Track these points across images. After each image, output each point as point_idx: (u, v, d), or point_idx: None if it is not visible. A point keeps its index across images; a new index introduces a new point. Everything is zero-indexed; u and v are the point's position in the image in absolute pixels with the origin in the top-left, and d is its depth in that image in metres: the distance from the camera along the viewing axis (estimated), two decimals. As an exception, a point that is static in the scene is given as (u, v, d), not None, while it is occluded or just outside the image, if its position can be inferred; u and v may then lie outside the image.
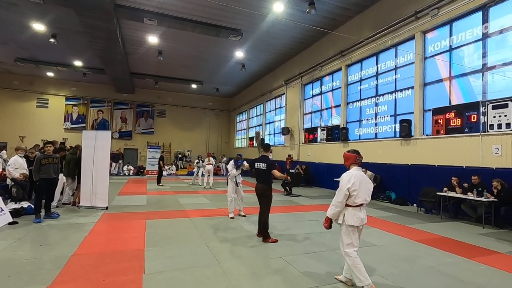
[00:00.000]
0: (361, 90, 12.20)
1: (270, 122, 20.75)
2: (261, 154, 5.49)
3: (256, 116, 23.21)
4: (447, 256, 4.54)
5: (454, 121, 8.14)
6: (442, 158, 8.43)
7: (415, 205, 8.84)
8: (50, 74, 21.32)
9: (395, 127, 10.39)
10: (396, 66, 10.57)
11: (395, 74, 10.59)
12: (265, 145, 5.60)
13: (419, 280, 3.60)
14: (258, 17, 11.62)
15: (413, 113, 9.64)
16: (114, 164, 19.38)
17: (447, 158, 8.28)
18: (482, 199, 6.45)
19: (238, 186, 6.96)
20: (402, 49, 10.21)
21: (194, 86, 22.61)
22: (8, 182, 7.20)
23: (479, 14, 8.03)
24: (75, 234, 5.17)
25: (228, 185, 7.06)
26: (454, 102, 8.51)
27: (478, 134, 7.53)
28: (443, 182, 7.70)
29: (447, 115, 8.34)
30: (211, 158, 13.52)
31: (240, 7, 10.14)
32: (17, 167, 6.89)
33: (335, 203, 3.30)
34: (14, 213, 6.06)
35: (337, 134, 13.10)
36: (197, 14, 11.81)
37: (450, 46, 8.77)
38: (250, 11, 10.30)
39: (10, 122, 21.21)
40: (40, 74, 21.28)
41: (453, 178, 7.47)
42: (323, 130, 14.07)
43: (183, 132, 26.22)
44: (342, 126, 12.76)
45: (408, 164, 9.52)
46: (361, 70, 12.23)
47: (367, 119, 11.81)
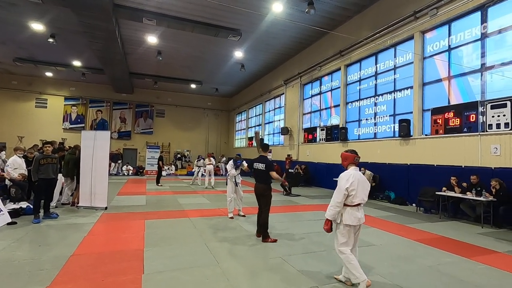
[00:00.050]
0: (360, 90, 12.22)
1: (269, 122, 20.76)
2: (260, 154, 5.47)
3: (255, 116, 23.22)
4: (446, 255, 4.55)
5: (453, 121, 8.16)
6: (441, 158, 8.45)
7: (414, 204, 8.85)
8: (49, 74, 21.29)
9: (394, 127, 10.41)
10: (395, 66, 10.58)
11: (394, 74, 10.60)
12: (263, 145, 5.56)
13: (418, 279, 3.61)
14: (257, 17, 11.63)
15: (412, 113, 9.66)
16: (113, 164, 19.36)
17: (446, 158, 8.30)
18: (481, 199, 6.47)
19: (237, 186, 6.96)
20: (401, 49, 10.23)
21: (193, 86, 22.60)
22: (7, 182, 7.18)
23: (478, 14, 8.05)
24: (74, 234, 5.16)
25: (227, 185, 7.07)
26: (453, 102, 8.52)
27: (477, 133, 7.55)
28: (442, 181, 7.72)
29: (446, 115, 8.35)
30: (212, 159, 13.52)
31: (239, 7, 10.13)
32: (16, 167, 6.89)
33: (335, 204, 3.29)
34: (13, 213, 6.05)
35: (336, 134, 13.11)
36: (196, 14, 11.81)
37: (449, 46, 8.79)
38: (249, 11, 10.30)
39: (8, 122, 21.16)
40: (39, 74, 21.24)
41: (452, 178, 7.49)
42: (322, 130, 14.09)
43: (183, 132, 26.21)
44: (341, 126, 12.78)
45: (407, 163, 9.54)
46: (360, 70, 12.25)
47: (366, 119, 11.82)
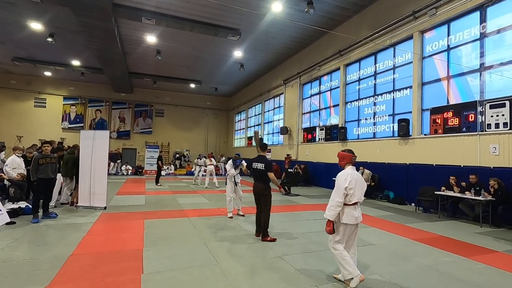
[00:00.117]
0: (359, 89, 12.22)
1: (268, 122, 20.76)
2: (258, 154, 5.45)
3: (254, 115, 23.22)
4: (445, 255, 4.56)
5: (452, 120, 8.17)
6: (440, 158, 8.46)
7: (413, 204, 8.86)
8: (48, 74, 21.24)
9: (393, 127, 10.42)
10: (394, 65, 10.59)
11: (393, 74, 10.61)
12: (262, 144, 5.51)
13: (417, 279, 3.61)
14: (256, 16, 11.62)
15: (411, 112, 9.67)
16: (112, 164, 19.31)
17: (445, 158, 8.31)
18: (480, 198, 6.48)
19: (236, 185, 6.96)
20: (400, 48, 10.24)
21: (192, 85, 22.59)
22: (5, 182, 7.16)
23: (477, 14, 8.06)
24: (73, 234, 5.15)
25: (226, 185, 7.07)
26: (452, 102, 8.54)
27: (476, 133, 7.56)
28: (441, 181, 7.73)
29: (445, 115, 8.36)
30: (212, 159, 13.60)
31: (238, 7, 10.13)
32: (14, 167, 6.86)
33: (335, 204, 3.28)
34: (12, 213, 6.03)
35: (335, 133, 13.12)
36: (195, 14, 11.79)
37: (448, 45, 8.80)
38: (249, 11, 10.29)
39: (7, 122, 21.12)
40: (37, 74, 21.19)
41: (451, 177, 7.50)
42: (322, 129, 14.09)
43: (182, 131, 26.19)
44: (340, 126, 12.78)
45: (406, 163, 9.55)
46: (359, 70, 12.25)
47: (366, 119, 11.83)
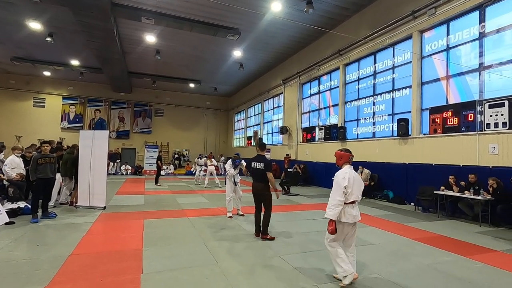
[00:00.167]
0: (358, 89, 12.23)
1: (268, 122, 20.76)
2: (257, 154, 5.43)
3: (254, 115, 23.21)
4: (444, 254, 4.56)
5: (451, 120, 8.18)
6: (439, 157, 8.47)
7: (413, 203, 8.88)
8: (47, 73, 21.20)
9: (393, 126, 10.43)
10: (393, 65, 10.59)
11: (393, 73, 10.62)
12: (261, 144, 5.48)
13: (417, 278, 3.62)
14: (256, 16, 11.61)
15: (410, 112, 9.68)
16: (111, 163, 19.30)
17: (444, 157, 8.33)
18: (479, 198, 6.49)
19: (236, 185, 6.96)
20: (400, 48, 10.24)
21: (192, 85, 22.57)
22: (4, 182, 7.15)
23: (476, 14, 8.07)
24: (73, 234, 5.14)
25: (226, 184, 7.07)
26: (451, 101, 8.55)
27: (475, 133, 7.57)
28: (440, 180, 7.75)
29: (444, 114, 8.38)
30: (213, 160, 13.67)
31: (238, 6, 10.12)
32: (14, 167, 6.86)
33: (336, 203, 3.27)
34: (11, 213, 6.03)
35: (335, 133, 13.13)
36: (194, 13, 11.78)
37: (447, 45, 8.81)
38: (248, 10, 10.28)
39: (6, 121, 21.07)
40: (36, 74, 21.15)
41: (450, 177, 7.52)
42: (321, 129, 14.10)
43: (181, 131, 26.17)
44: (340, 125, 12.79)
45: (405, 163, 9.56)
46: (358, 70, 12.26)
47: (365, 118, 11.84)
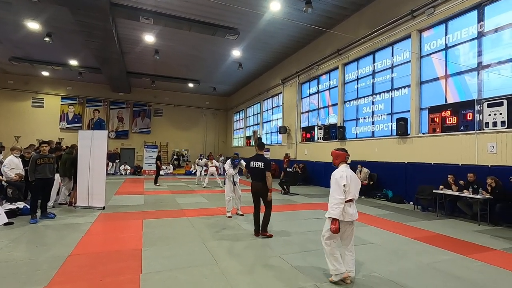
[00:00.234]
0: (357, 88, 12.24)
1: (267, 121, 20.76)
2: (256, 153, 5.45)
3: (253, 115, 23.21)
4: (443, 253, 4.57)
5: (450, 119, 8.20)
6: (438, 156, 8.49)
7: (412, 203, 8.89)
8: (46, 74, 21.15)
9: (392, 126, 10.44)
10: (392, 64, 10.61)
11: (392, 73, 10.63)
12: (259, 143, 5.51)
13: (416, 277, 3.63)
14: (255, 15, 11.61)
15: (409, 111, 9.69)
16: (110, 163, 19.26)
17: (443, 156, 8.34)
18: (478, 197, 6.51)
19: (235, 185, 6.95)
20: (399, 47, 10.25)
21: (191, 85, 22.55)
22: (3, 183, 7.13)
23: (475, 13, 8.09)
24: (72, 234, 5.13)
25: (225, 184, 7.07)
26: (450, 101, 8.56)
27: (474, 132, 7.59)
28: (439, 180, 7.76)
29: (443, 114, 8.39)
30: (214, 161, 13.73)
31: (237, 6, 10.12)
32: (12, 167, 6.84)
33: (338, 201, 3.26)
34: (10, 213, 6.01)
35: (334, 132, 13.14)
36: (193, 13, 11.76)
37: (446, 44, 8.82)
38: (247, 10, 10.27)
39: (5, 122, 21.02)
40: (35, 74, 21.09)
41: (449, 176, 7.53)
42: (320, 128, 14.10)
43: (180, 131, 26.15)
44: (339, 125, 12.81)
45: (404, 162, 9.57)
46: (357, 69, 12.26)
47: (364, 118, 11.85)
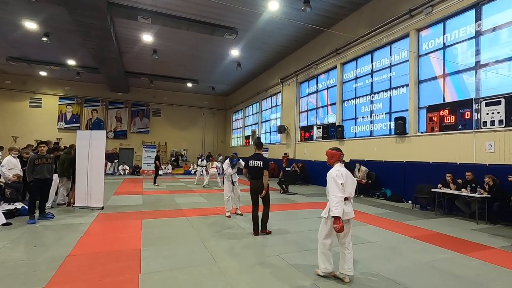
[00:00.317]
0: (356, 88, 12.25)
1: (266, 121, 20.76)
2: (254, 152, 5.49)
3: (252, 114, 23.20)
4: (442, 251, 4.59)
5: (448, 118, 8.23)
6: (437, 155, 8.51)
7: (410, 201, 8.92)
8: (43, 74, 21.05)
9: (390, 125, 10.46)
10: (390, 64, 10.62)
11: (390, 72, 10.65)
12: (258, 143, 5.56)
13: (414, 275, 3.64)
14: (253, 15, 11.59)
15: (407, 110, 9.71)
16: (109, 163, 19.22)
17: (442, 155, 8.37)
18: (476, 195, 6.54)
19: (234, 185, 6.95)
20: (397, 47, 10.27)
21: (189, 85, 22.50)
22: (1, 183, 7.10)
23: (472, 12, 8.11)
24: (70, 234, 5.12)
25: (224, 184, 7.06)
26: (448, 100, 8.59)
27: (472, 131, 7.62)
28: (438, 178, 7.79)
29: (441, 113, 8.42)
30: (215, 162, 13.82)
31: (235, 5, 10.11)
32: (11, 168, 6.81)
33: (338, 199, 3.27)
34: (8, 214, 5.99)
35: (332, 132, 13.15)
36: (191, 12, 11.74)
37: (444, 44, 8.84)
38: (245, 9, 10.26)
39: (2, 122, 20.92)
40: (33, 74, 21.00)
41: (447, 175, 7.55)
42: (319, 128, 14.12)
43: (179, 131, 26.11)
44: (337, 124, 12.82)
45: (403, 161, 9.60)
46: (356, 68, 12.28)
47: (363, 117, 11.87)
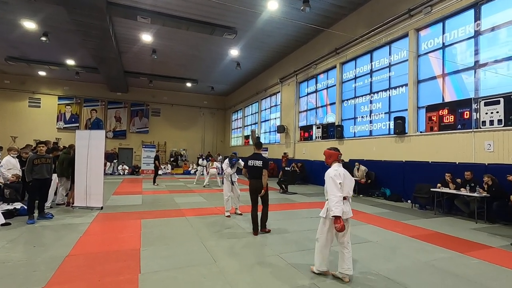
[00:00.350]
0: (355, 87, 12.26)
1: (265, 120, 20.76)
2: (254, 152, 5.49)
3: (251, 114, 23.20)
4: (441, 251, 4.60)
5: (447, 117, 8.24)
6: (436, 155, 8.52)
7: (409, 201, 8.93)
8: (42, 73, 21.02)
9: (390, 124, 10.47)
10: (390, 63, 10.63)
11: (389, 72, 10.66)
12: (257, 143, 5.59)
13: (414, 275, 3.64)
14: (252, 15, 11.59)
15: (407, 110, 9.72)
16: (108, 163, 19.20)
17: (441, 155, 8.38)
18: (475, 195, 6.55)
19: (233, 184, 6.94)
20: (396, 46, 10.28)
21: (189, 84, 22.49)
22: (0, 183, 7.09)
23: (471, 12, 8.12)
24: (70, 234, 5.11)
25: (223, 184, 7.06)
26: (447, 99, 8.60)
27: (471, 130, 7.63)
28: (437, 178, 7.80)
29: (440, 112, 8.43)
30: (215, 163, 13.82)
31: (234, 5, 10.10)
32: (10, 168, 6.80)
33: (338, 199, 3.28)
34: (7, 214, 5.98)
35: (332, 131, 13.16)
36: (191, 12, 11.73)
37: (443, 43, 8.85)
38: (245, 9, 10.25)
39: (1, 122, 20.88)
40: (32, 73, 20.96)
41: (446, 174, 7.57)
42: (318, 128, 14.12)
43: (179, 131, 26.09)
44: (337, 124, 12.83)
45: (402, 160, 9.61)
46: (355, 68, 12.28)
47: (362, 117, 11.87)
